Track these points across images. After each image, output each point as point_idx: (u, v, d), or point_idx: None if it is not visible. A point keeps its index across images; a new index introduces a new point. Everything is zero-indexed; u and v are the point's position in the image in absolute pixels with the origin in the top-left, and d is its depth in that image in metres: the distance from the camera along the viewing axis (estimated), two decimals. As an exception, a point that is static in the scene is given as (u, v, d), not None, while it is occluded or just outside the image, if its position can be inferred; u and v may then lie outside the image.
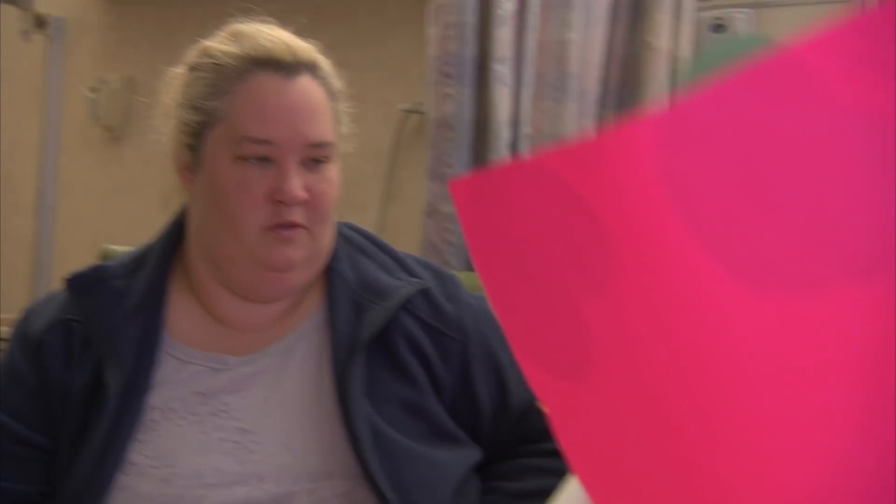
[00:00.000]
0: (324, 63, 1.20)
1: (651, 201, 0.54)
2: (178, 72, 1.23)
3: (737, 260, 0.51)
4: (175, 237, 1.26)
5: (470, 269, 1.67)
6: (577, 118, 1.82)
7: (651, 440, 0.58)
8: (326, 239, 1.21)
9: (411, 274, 1.29)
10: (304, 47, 1.19)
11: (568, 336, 0.60)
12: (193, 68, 1.18)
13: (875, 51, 0.47)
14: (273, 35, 1.19)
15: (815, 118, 0.48)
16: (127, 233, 1.97)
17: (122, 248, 1.43)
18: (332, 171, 1.19)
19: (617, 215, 0.57)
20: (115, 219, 2.55)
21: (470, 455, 1.28)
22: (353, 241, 1.30)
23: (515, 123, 1.79)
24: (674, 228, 0.53)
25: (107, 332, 1.19)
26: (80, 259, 2.52)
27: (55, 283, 2.49)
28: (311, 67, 1.18)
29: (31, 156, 2.64)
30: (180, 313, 1.24)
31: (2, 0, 2.45)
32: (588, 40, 1.83)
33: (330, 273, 1.25)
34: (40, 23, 2.51)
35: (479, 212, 0.60)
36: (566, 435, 0.60)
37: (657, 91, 1.87)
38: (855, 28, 0.48)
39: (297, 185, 1.13)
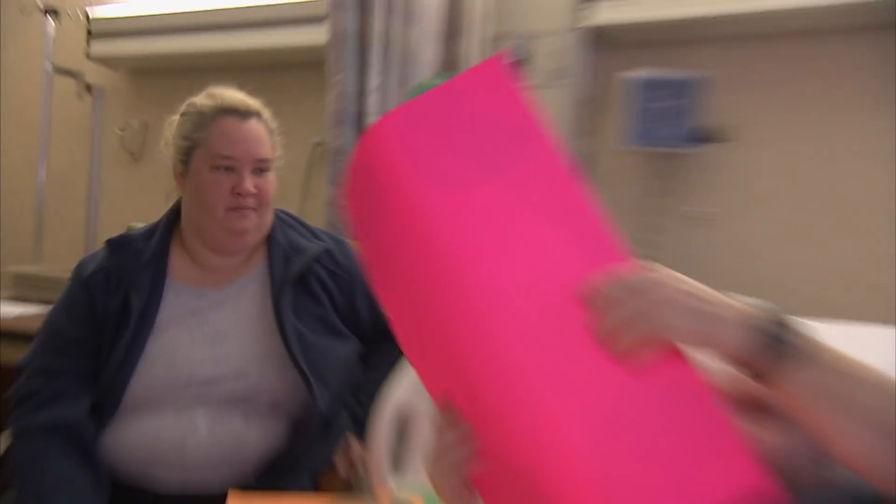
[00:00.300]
0: (265, 112, 1.47)
1: (397, 162, 0.81)
2: (174, 118, 1.48)
3: (447, 181, 0.79)
4: (174, 218, 1.50)
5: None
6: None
7: (431, 324, 0.83)
8: (267, 217, 1.46)
9: (320, 240, 1.54)
10: (253, 102, 1.46)
11: (382, 264, 0.87)
12: (184, 114, 1.43)
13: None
14: (235, 95, 1.45)
15: (470, 117, 0.81)
16: (143, 216, 2.35)
17: (140, 224, 1.62)
18: (271, 177, 1.45)
19: (385, 175, 0.83)
20: (135, 208, 2.89)
21: (355, 347, 1.56)
22: (284, 220, 1.54)
23: None
24: (411, 174, 0.80)
25: (131, 275, 1.41)
26: (112, 232, 2.58)
27: (97, 246, 2.59)
28: (257, 114, 1.44)
29: (84, 170, 3.02)
30: (177, 263, 1.48)
31: (60, 73, 2.87)
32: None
33: (269, 239, 1.49)
34: (88, 88, 2.94)
35: (349, 197, 0.87)
36: (397, 329, 0.89)
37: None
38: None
39: (249, 184, 1.39)
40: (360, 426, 1.53)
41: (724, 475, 0.74)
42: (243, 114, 1.42)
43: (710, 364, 0.81)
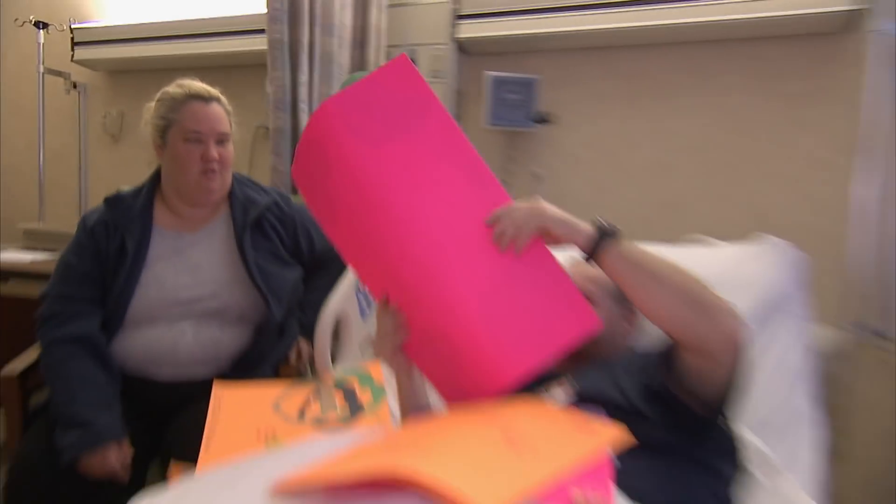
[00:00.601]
0: (223, 98, 1.42)
1: (339, 133, 0.86)
2: (150, 105, 1.42)
3: (374, 140, 0.84)
4: (156, 180, 1.46)
5: (294, 193, 1.88)
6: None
7: (370, 242, 0.87)
8: (228, 178, 1.43)
9: (269, 195, 1.51)
10: (214, 91, 1.41)
11: (328, 206, 0.92)
12: (160, 100, 1.39)
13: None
14: (199, 84, 1.40)
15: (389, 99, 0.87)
16: (123, 184, 2.40)
17: (126, 187, 1.53)
18: (230, 147, 1.41)
19: (331, 145, 0.87)
20: (116, 178, 2.61)
21: (299, 273, 1.54)
22: (240, 180, 1.50)
23: None
24: (348, 139, 0.85)
25: (125, 223, 1.37)
26: (98, 197, 2.46)
27: (88, 207, 2.77)
28: (217, 99, 1.40)
29: (74, 150, 2.86)
30: (160, 214, 1.43)
31: (51, 73, 2.70)
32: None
33: (230, 194, 1.46)
34: (74, 85, 2.78)
35: (300, 161, 0.92)
36: (343, 251, 0.93)
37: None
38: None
39: (214, 152, 1.36)
40: (306, 330, 1.54)
41: (574, 319, 0.86)
42: (207, 99, 1.37)
43: (567, 258, 0.98)
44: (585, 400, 0.97)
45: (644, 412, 0.90)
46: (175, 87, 1.38)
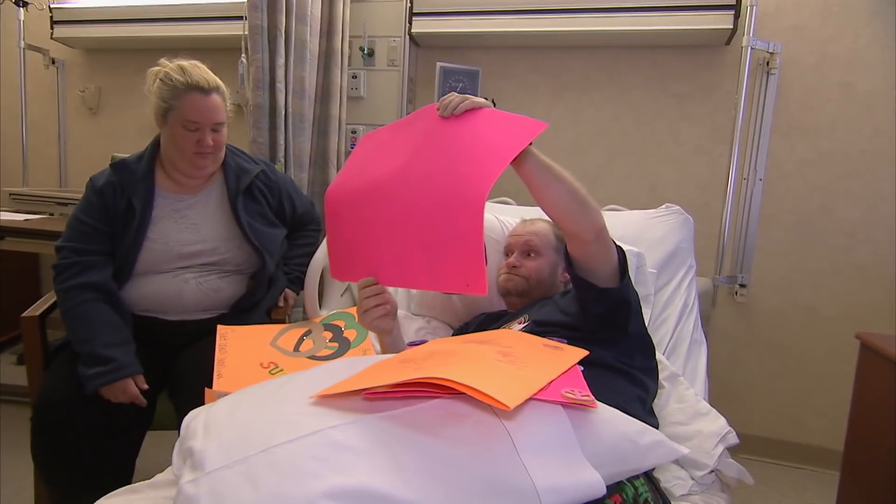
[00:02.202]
0: (222, 87, 1.33)
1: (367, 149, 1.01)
2: (154, 70, 1.30)
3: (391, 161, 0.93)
4: (155, 148, 1.38)
5: (274, 162, 1.88)
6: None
7: (367, 221, 0.93)
8: (221, 156, 1.37)
9: (257, 164, 1.47)
10: (213, 80, 1.30)
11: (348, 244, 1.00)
12: (163, 81, 1.28)
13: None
14: (201, 73, 1.29)
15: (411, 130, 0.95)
16: (100, 154, 2.52)
17: (108, 154, 1.49)
18: (224, 132, 1.34)
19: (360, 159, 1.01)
20: (93, 148, 2.69)
21: (283, 232, 1.49)
22: (232, 151, 1.44)
23: (285, 107, 1.93)
24: (369, 154, 0.99)
25: (131, 186, 1.31)
26: (77, 165, 2.68)
27: (68, 175, 2.70)
28: (216, 89, 1.31)
29: (53, 121, 2.72)
30: (160, 178, 1.37)
31: (31, 49, 2.54)
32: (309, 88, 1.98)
33: (225, 164, 1.40)
34: (53, 61, 2.64)
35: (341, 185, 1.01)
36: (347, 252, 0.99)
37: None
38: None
39: (208, 139, 1.30)
40: (292, 281, 1.55)
41: (466, 276, 0.82)
42: (206, 90, 1.28)
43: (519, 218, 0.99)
44: (541, 326, 1.05)
45: (582, 325, 0.99)
46: (178, 74, 1.27)
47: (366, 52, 2.23)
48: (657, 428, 0.96)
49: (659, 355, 1.18)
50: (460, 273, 0.78)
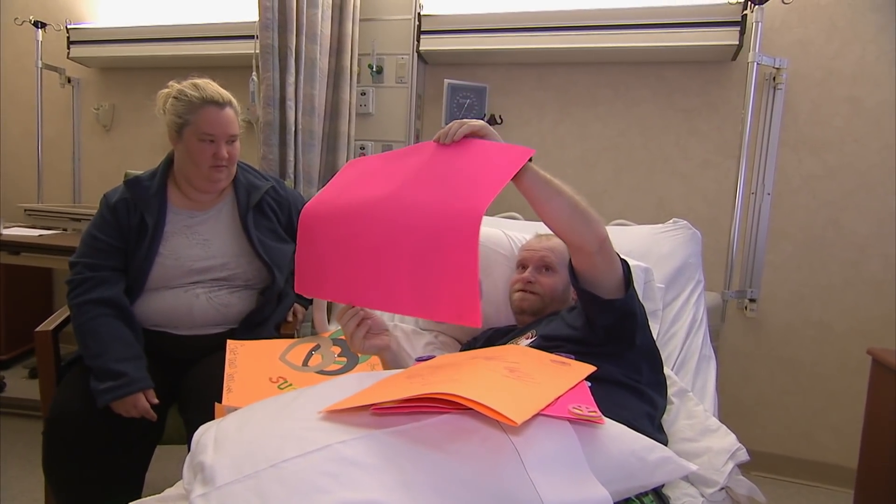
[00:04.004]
0: (234, 101, 1.35)
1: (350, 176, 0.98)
2: (164, 92, 1.33)
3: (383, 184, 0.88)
4: (168, 164, 1.40)
5: (284, 179, 1.89)
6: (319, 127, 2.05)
7: (349, 245, 0.89)
8: (234, 170, 1.39)
9: (267, 181, 1.48)
10: (227, 95, 1.34)
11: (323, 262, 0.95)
12: (177, 98, 1.30)
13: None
14: (215, 88, 1.32)
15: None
16: (113, 171, 2.66)
17: (121, 171, 1.54)
18: (237, 145, 1.36)
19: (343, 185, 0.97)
20: (107, 165, 2.73)
21: (293, 247, 1.39)
22: (244, 167, 1.46)
23: (295, 124, 1.96)
24: (356, 181, 0.94)
25: (144, 202, 1.33)
26: (91, 181, 2.70)
27: (82, 191, 2.73)
28: (229, 103, 1.33)
29: (68, 138, 2.78)
30: (173, 195, 1.39)
31: (48, 68, 2.61)
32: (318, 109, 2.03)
33: (235, 180, 1.42)
34: (69, 80, 2.69)
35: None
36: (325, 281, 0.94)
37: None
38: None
39: (224, 151, 1.32)
40: (300, 296, 1.52)
41: (459, 306, 0.78)
42: (221, 104, 1.31)
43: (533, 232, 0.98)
44: (548, 341, 1.05)
45: (589, 339, 0.98)
46: (192, 90, 1.30)
47: (374, 69, 2.27)
48: (666, 444, 0.95)
49: (667, 371, 1.17)
50: (453, 303, 0.75)
